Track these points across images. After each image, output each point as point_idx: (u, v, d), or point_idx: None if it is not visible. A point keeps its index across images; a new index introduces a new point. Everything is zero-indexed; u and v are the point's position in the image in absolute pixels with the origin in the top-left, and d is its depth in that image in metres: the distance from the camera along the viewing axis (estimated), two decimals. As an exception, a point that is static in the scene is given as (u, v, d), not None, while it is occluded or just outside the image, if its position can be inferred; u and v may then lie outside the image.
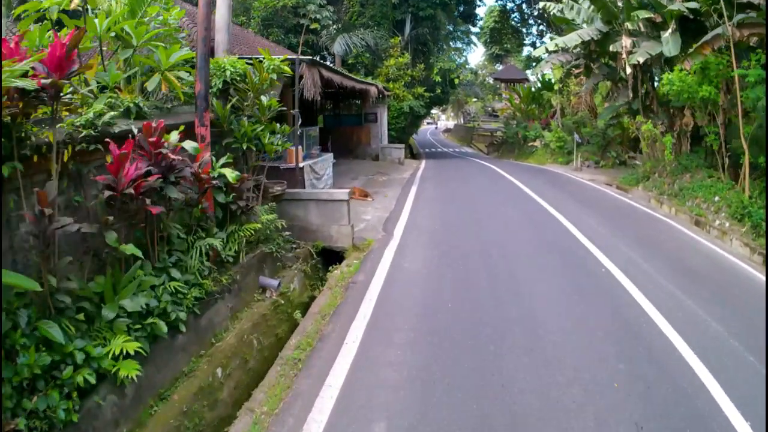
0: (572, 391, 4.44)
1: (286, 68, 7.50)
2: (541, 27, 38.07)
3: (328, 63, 28.83)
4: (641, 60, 14.93)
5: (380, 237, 9.04)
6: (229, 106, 7.00)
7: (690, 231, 10.68)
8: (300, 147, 11.29)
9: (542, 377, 4.67)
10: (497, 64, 66.09)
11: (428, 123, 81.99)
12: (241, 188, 6.49)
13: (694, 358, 4.94)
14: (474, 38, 49.08)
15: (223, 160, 6.41)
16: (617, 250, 8.36)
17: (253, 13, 27.85)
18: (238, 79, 7.21)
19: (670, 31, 15.15)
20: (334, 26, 26.14)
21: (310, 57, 9.85)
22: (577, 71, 24.78)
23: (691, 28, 15.79)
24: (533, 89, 33.73)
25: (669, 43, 14.92)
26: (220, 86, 7.19)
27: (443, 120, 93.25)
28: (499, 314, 6.01)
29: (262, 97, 7.15)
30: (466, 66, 45.74)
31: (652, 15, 15.94)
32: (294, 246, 8.59)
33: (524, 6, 37.05)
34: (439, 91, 28.86)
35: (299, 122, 9.88)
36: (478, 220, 10.51)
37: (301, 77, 9.87)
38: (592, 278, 7.20)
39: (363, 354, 5.18)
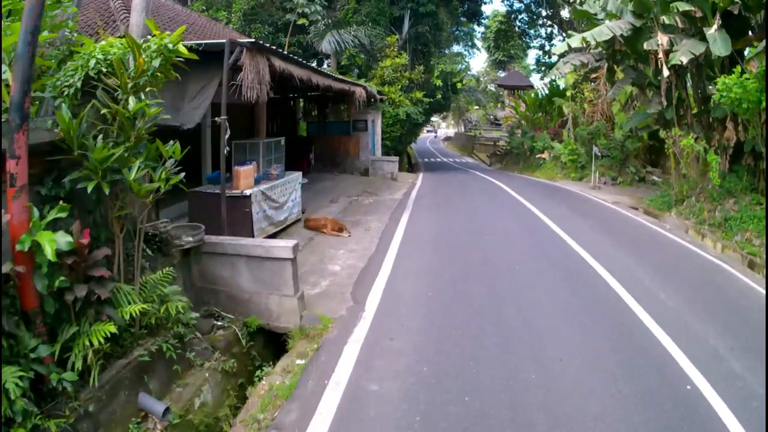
0: None
1: (183, 49, 4.63)
2: (550, 29, 35.40)
3: (325, 66, 26.28)
4: (684, 60, 12.38)
5: (344, 313, 5.99)
6: (81, 116, 4.14)
7: (746, 277, 8.05)
8: (250, 165, 8.55)
9: None
10: (500, 71, 63.89)
11: (428, 131, 79.56)
12: (85, 263, 3.68)
13: None
14: (477, 42, 46.43)
15: (52, 215, 3.62)
16: (685, 326, 5.64)
17: (234, 7, 25.23)
18: (106, 71, 4.41)
19: (715, 27, 12.60)
20: (323, 22, 23.44)
21: (254, 40, 7.02)
22: (594, 75, 22.19)
23: (732, 25, 13.30)
24: (540, 96, 31.11)
25: (717, 41, 12.39)
26: (79, 85, 4.40)
27: (443, 128, 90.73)
28: None
29: (131, 100, 4.30)
30: (469, 71, 43.02)
31: (693, 8, 13.37)
32: (217, 324, 5.84)
33: (533, 6, 34.28)
34: (440, 96, 26.13)
35: (227, 134, 7.10)
36: (490, 278, 7.21)
37: (240, 69, 7.10)
38: (669, 390, 4.45)
39: None
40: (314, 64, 22.86)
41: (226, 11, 25.70)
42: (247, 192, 8.13)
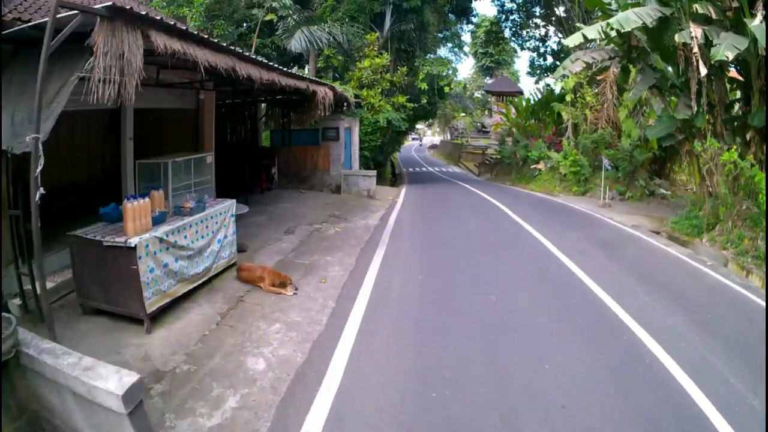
0: None
1: None
2: (545, 29, 33.02)
3: (306, 71, 23.27)
4: (730, 56, 10.02)
5: None
6: None
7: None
8: (145, 199, 5.73)
9: None
10: (487, 78, 61.90)
11: (413, 139, 77.34)
12: None
13: None
14: (465, 43, 43.98)
15: None
16: None
17: (196, 1, 22.43)
18: None
19: (760, 18, 10.34)
20: (294, 17, 20.69)
21: (111, 3, 4.12)
22: (600, 77, 19.72)
23: (769, 18, 10.97)
24: (532, 101, 28.74)
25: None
26: None
27: (429, 135, 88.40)
28: None
29: None
30: (457, 74, 40.50)
31: (730, -5, 11.14)
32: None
33: (527, 5, 31.78)
34: (425, 101, 23.50)
35: (40, 165, 4.25)
36: (509, 400, 4.14)
37: (83, 48, 4.29)
38: None
39: None
40: (294, 69, 20.04)
41: (188, 7, 22.89)
42: (133, 241, 5.31)
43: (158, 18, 4.61)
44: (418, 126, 59.05)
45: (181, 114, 12.08)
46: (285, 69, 8.39)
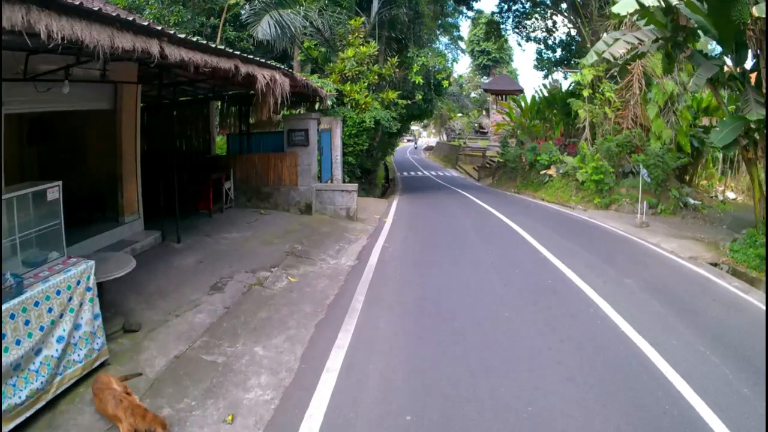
0: None
1: None
2: (554, 18, 29.86)
3: (296, 71, 19.64)
4: None
5: None
6: None
7: None
8: None
9: None
10: (484, 77, 59.41)
11: (408, 140, 74.44)
12: None
13: None
14: (463, 38, 40.88)
15: None
16: None
17: (152, -15, 19.27)
18: None
19: None
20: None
21: None
22: (629, 67, 16.72)
23: None
24: (537, 99, 25.69)
25: None
26: None
27: (425, 137, 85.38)
28: None
29: None
30: (456, 64, 37.31)
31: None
32: None
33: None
34: (420, 97, 20.36)
35: None
36: None
37: None
38: None
39: None
40: (284, 65, 16.61)
41: (145, -7, 19.70)
42: None
43: None
44: (412, 127, 56.12)
45: (93, 118, 8.99)
46: (180, 36, 5.18)
